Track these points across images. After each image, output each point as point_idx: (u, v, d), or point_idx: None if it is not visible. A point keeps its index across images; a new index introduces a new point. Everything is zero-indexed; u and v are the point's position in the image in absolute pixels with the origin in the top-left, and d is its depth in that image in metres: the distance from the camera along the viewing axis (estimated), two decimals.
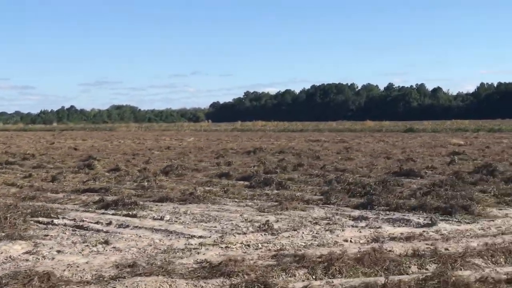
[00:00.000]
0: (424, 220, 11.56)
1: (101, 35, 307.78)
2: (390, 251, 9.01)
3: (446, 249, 9.16)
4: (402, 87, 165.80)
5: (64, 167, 22.63)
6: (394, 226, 11.29)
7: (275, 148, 34.47)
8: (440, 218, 11.82)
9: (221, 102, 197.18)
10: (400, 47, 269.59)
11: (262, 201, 14.15)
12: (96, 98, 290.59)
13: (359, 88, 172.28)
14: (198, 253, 8.93)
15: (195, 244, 9.60)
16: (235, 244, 9.51)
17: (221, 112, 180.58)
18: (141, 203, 13.59)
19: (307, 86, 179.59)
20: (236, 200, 14.45)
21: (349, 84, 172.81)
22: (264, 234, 10.37)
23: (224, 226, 11.16)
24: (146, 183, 16.99)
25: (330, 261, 8.04)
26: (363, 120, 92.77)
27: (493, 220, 11.61)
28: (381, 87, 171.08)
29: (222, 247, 9.35)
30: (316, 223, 11.45)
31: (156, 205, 13.72)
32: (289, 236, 10.23)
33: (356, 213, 12.49)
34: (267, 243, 9.62)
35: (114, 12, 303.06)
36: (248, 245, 9.49)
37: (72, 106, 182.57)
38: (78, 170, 21.33)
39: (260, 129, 78.36)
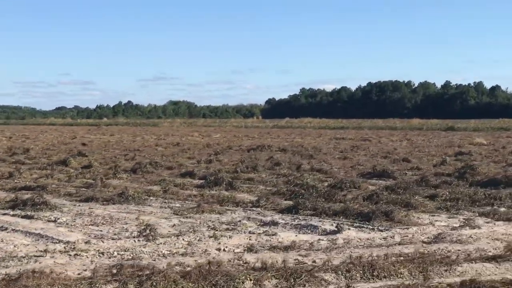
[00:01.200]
0: (332, 226, 10.62)
1: (161, 30, 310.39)
2: (245, 263, 8.15)
3: (314, 261, 8.26)
4: (460, 85, 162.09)
5: (40, 164, 22.19)
6: (298, 233, 10.43)
7: (286, 145, 33.57)
8: (356, 224, 10.91)
9: (278, 98, 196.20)
10: (459, 44, 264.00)
11: (189, 202, 13.37)
12: (154, 93, 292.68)
13: (415, 85, 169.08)
14: (28, 263, 8.18)
15: (51, 250, 8.87)
16: (87, 252, 8.75)
17: (276, 109, 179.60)
18: (55, 202, 12.96)
19: (364, 84, 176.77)
20: (166, 201, 13.70)
21: (405, 82, 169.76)
22: (138, 240, 9.60)
23: (110, 230, 10.44)
24: (93, 181, 16.34)
25: (151, 275, 7.20)
26: (421, 118, 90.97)
27: (407, 228, 10.60)
28: (438, 85, 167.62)
29: (70, 255, 8.60)
30: (213, 228, 10.61)
31: (75, 205, 13.09)
32: (164, 243, 9.44)
33: (273, 217, 11.64)
34: (125, 251, 8.84)
35: (174, 7, 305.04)
36: (102, 253, 8.72)
37: (129, 101, 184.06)
38: (47, 167, 20.83)
39: (302, 126, 77.30)
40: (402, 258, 8.36)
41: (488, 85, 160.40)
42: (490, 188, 15.23)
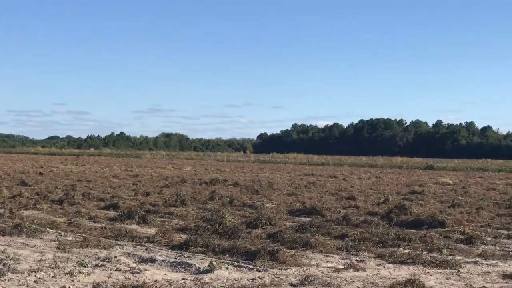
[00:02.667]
0: (207, 265, 10.01)
1: (157, 63, 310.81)
2: None
3: None
4: (451, 124, 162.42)
5: None
6: (171, 271, 9.85)
7: (247, 179, 33.03)
8: (237, 264, 10.31)
9: (270, 133, 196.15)
10: (453, 83, 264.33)
11: (86, 235, 12.76)
12: (149, 125, 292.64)
13: (407, 124, 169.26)
14: None
15: None
16: None
17: (268, 143, 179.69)
18: None
19: (356, 121, 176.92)
20: (62, 234, 13.11)
21: (397, 120, 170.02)
22: None
23: None
24: (2, 211, 15.76)
25: None
26: (411, 157, 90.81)
27: (286, 269, 9.98)
28: (430, 124, 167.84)
29: None
30: (82, 264, 9.98)
31: None
32: (9, 279, 8.83)
33: (156, 254, 11.08)
34: None
35: (170, 41, 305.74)
36: None
37: (121, 133, 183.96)
38: None
39: (284, 161, 76.90)
40: None
41: (479, 125, 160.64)
42: (414, 228, 14.71)
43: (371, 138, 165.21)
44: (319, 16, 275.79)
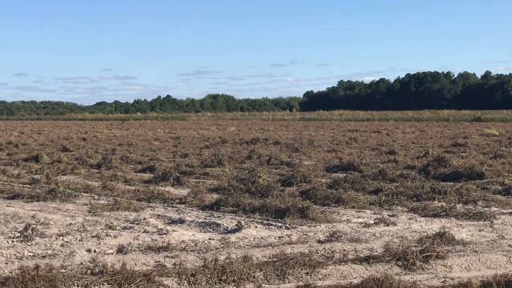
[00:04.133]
0: (235, 224, 9.92)
1: (202, 25, 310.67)
2: (96, 266, 7.48)
3: (174, 264, 7.59)
4: (500, 75, 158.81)
5: (12, 159, 21.86)
6: (200, 232, 9.82)
7: (289, 137, 32.87)
8: (267, 222, 10.21)
9: (316, 91, 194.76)
10: (501, 34, 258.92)
11: (119, 199, 12.78)
12: (195, 87, 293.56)
13: (455, 76, 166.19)
14: None
15: None
16: None
17: (314, 101, 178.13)
18: None
19: (402, 75, 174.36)
20: (95, 198, 13.15)
21: (445, 72, 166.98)
22: (12, 241, 9.01)
23: None
24: (39, 177, 15.88)
25: None
26: (459, 109, 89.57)
27: (315, 226, 9.85)
28: (479, 75, 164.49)
29: None
30: (110, 227, 9.99)
31: None
32: (36, 244, 8.85)
33: (186, 214, 11.11)
34: None
35: (213, 2, 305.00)
36: None
37: (168, 96, 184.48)
38: (13, 162, 20.50)
39: (330, 118, 76.43)
40: (265, 260, 7.65)
41: None
42: (453, 181, 14.42)
43: (418, 92, 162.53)
44: None
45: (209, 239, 9.19)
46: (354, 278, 7.09)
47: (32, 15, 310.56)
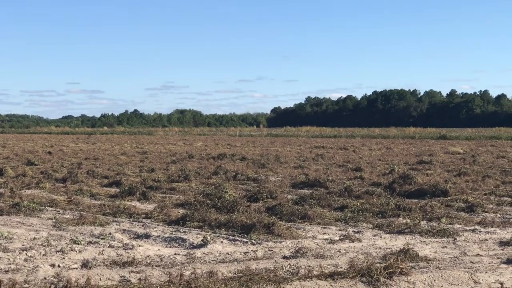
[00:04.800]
0: (201, 239, 9.91)
1: (169, 39, 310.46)
2: (59, 281, 7.44)
3: (139, 279, 7.55)
4: (465, 93, 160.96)
5: None
6: (165, 247, 9.78)
7: (256, 153, 32.90)
8: (232, 238, 10.22)
9: (284, 107, 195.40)
10: (466, 52, 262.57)
11: (84, 213, 12.69)
12: (163, 102, 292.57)
13: (421, 94, 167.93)
14: None
15: None
16: None
17: (282, 117, 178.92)
18: None
19: (369, 92, 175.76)
20: (60, 212, 13.05)
21: (411, 90, 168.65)
22: None
23: None
24: (3, 190, 15.74)
25: None
26: (425, 127, 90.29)
27: (280, 242, 9.88)
28: (444, 94, 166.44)
29: None
30: (75, 241, 9.91)
31: None
32: None
33: (152, 229, 11.04)
34: None
35: (181, 16, 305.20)
36: None
37: (135, 110, 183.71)
38: None
39: (297, 135, 76.69)
40: (231, 275, 7.66)
41: (494, 93, 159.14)
42: (417, 198, 14.58)
43: (385, 110, 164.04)
44: None
45: (175, 254, 9.17)
46: None
47: None
